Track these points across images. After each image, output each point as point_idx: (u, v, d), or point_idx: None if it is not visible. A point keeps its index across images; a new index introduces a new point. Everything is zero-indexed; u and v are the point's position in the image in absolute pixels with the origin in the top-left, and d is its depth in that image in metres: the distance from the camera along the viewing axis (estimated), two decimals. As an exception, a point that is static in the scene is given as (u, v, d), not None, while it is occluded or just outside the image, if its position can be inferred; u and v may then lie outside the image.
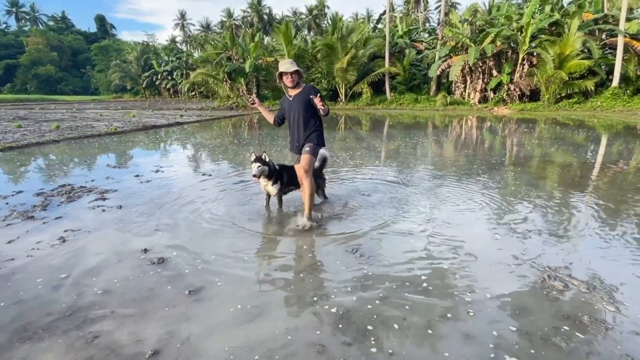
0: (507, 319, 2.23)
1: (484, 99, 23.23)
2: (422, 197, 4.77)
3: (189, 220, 3.96)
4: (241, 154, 8.27)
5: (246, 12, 61.30)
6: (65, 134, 11.55)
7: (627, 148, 8.89)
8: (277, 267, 2.95)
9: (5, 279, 2.75)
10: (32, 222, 3.92)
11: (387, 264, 2.96)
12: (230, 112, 22.70)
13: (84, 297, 2.52)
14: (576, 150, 8.58)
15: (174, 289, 2.61)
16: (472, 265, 2.91)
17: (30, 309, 2.39)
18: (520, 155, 8.04)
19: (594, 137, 11.05)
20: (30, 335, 2.12)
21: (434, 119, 17.77)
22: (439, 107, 22.90)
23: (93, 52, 62.42)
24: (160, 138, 11.34)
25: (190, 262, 3.00)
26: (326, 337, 2.07)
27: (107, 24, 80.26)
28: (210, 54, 26.01)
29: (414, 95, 24.98)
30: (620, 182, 5.56)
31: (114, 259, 3.08)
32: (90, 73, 62.58)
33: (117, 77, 51.60)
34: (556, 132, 12.31)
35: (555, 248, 3.21)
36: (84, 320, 2.26)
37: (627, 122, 15.19)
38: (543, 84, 20.73)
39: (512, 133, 12.31)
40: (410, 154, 8.24)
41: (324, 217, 4.03)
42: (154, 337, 2.09)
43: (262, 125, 14.61)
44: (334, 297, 2.49)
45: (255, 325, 2.20)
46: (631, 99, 19.95)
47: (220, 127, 14.55)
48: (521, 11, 22.69)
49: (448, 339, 2.06)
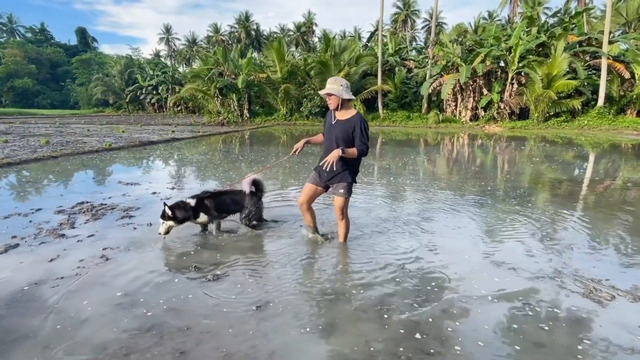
0: (578, 328, 2.41)
1: (474, 117, 24.07)
2: (457, 219, 4.98)
3: (230, 238, 4.04)
4: (242, 169, 8.39)
5: (233, 27, 62.16)
6: (58, 149, 11.42)
7: (630, 165, 9.42)
8: (330, 281, 3.06)
9: (64, 298, 2.78)
10: (66, 240, 3.92)
11: (443, 276, 3.11)
12: (222, 128, 22.80)
13: (151, 313, 2.57)
14: (594, 169, 9.03)
15: (240, 305, 2.69)
16: (514, 279, 3.10)
17: (102, 327, 2.43)
18: (535, 174, 8.42)
19: (599, 153, 11.64)
20: (116, 352, 2.17)
21: (432, 137, 18.29)
22: (432, 125, 23.59)
23: (74, 65, 61.78)
24: (161, 154, 11.33)
25: (247, 278, 3.09)
26: (408, 349, 2.20)
27: (89, 36, 79.82)
28: (201, 69, 26.22)
29: (406, 113, 25.69)
30: (630, 199, 5.93)
31: (167, 277, 3.13)
32: (70, 86, 61.73)
33: (99, 91, 51.10)
34: (554, 150, 12.89)
35: (590, 261, 3.44)
36: (162, 336, 2.33)
37: (614, 141, 16.00)
38: (532, 102, 21.69)
39: (515, 151, 12.81)
40: (430, 174, 8.51)
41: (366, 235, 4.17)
42: (240, 352, 2.17)
43: (254, 142, 14.74)
44: (402, 309, 2.62)
45: (334, 339, 2.30)
46: (616, 118, 21.07)
47: (217, 143, 14.61)
48: (507, 32, 23.89)
49: (525, 343, 2.21)
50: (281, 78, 25.61)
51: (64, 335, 2.32)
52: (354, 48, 25.77)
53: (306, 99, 25.76)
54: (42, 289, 2.89)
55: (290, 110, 26.71)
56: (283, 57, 25.67)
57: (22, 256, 3.51)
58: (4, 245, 3.72)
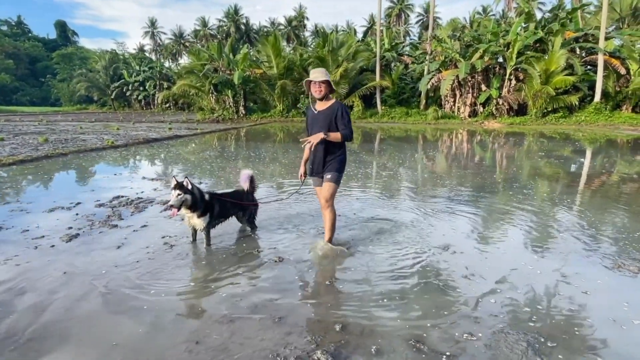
0: (614, 293, 2.87)
1: (473, 113, 24.73)
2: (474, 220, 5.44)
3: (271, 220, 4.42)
4: (265, 165, 8.75)
5: (222, 21, 62.02)
6: (60, 147, 11.59)
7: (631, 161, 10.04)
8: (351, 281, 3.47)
9: (155, 277, 3.13)
10: (121, 230, 4.26)
11: (480, 276, 3.56)
12: (218, 125, 23.01)
13: (250, 289, 2.95)
14: (606, 164, 9.61)
15: (313, 280, 3.09)
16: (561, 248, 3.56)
17: (203, 296, 2.81)
18: (545, 170, 8.97)
19: (604, 149, 12.29)
20: (224, 318, 2.55)
21: (433, 133, 18.82)
22: (431, 121, 24.17)
23: (54, 60, 60.88)
24: (170, 151, 11.58)
25: (304, 267, 3.49)
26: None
27: (69, 30, 78.68)
28: (194, 65, 26.33)
29: (404, 109, 26.22)
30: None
31: (247, 258, 3.51)
32: (50, 82, 60.83)
33: (82, 87, 50.47)
34: (558, 145, 13.52)
35: (609, 242, 3.92)
36: (256, 306, 2.71)
37: (611, 136, 16.76)
38: (530, 98, 22.42)
39: (519, 147, 13.40)
40: (445, 173, 8.98)
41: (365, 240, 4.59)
42: (350, 319, 2.57)
43: (250, 139, 15.04)
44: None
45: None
46: (612, 114, 21.92)
47: (220, 140, 14.88)
48: (504, 28, 24.61)
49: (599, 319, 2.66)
50: (277, 74, 25.91)
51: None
52: (350, 43, 26.18)
53: (303, 95, 26.09)
54: (124, 271, 3.24)
55: (287, 107, 27.01)
56: (279, 52, 25.97)
57: (88, 245, 3.84)
58: (66, 235, 4.05)
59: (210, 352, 2.21)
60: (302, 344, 2.27)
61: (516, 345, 2.24)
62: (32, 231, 4.21)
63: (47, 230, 4.22)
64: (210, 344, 2.28)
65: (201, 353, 2.20)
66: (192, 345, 2.27)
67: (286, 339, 2.33)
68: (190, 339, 2.32)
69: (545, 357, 2.14)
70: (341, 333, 2.38)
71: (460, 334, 2.36)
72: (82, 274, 3.18)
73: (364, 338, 2.33)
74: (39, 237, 4.01)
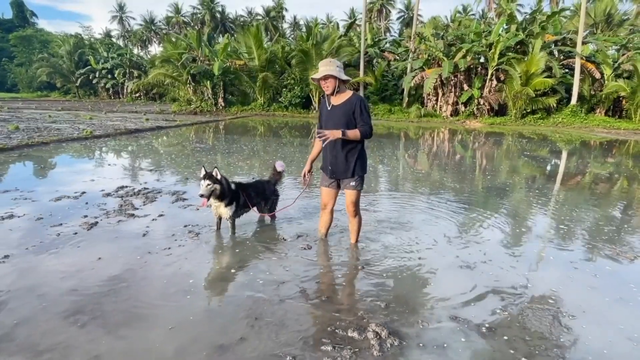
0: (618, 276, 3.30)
1: (455, 112, 25.61)
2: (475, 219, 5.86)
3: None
4: (259, 156, 8.92)
5: (197, 8, 60.92)
6: (35, 136, 11.29)
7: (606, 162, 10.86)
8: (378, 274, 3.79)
9: (191, 263, 3.31)
10: (140, 219, 4.37)
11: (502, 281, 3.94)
12: (196, 117, 22.78)
13: (286, 273, 3.18)
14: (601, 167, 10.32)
15: (346, 265, 3.36)
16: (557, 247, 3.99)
17: (240, 278, 3.03)
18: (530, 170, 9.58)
19: (578, 150, 13.14)
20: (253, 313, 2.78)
21: (418, 132, 19.42)
22: (414, 119, 24.85)
23: (11, 42, 57.89)
24: (156, 142, 11.51)
25: (333, 251, 3.76)
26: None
27: (27, 10, 74.78)
28: (171, 54, 25.85)
29: (387, 106, 26.79)
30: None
31: (275, 246, 3.73)
32: (6, 66, 57.83)
33: (43, 73, 48.34)
34: (537, 145, 14.33)
35: (611, 233, 4.41)
36: (316, 290, 2.96)
37: (586, 138, 17.89)
38: (510, 99, 23.47)
39: (505, 147, 14.11)
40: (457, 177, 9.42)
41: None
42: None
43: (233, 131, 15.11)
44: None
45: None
46: (587, 117, 23.29)
47: (207, 132, 14.83)
48: (485, 28, 25.59)
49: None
50: (259, 66, 25.83)
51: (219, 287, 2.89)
52: (334, 38, 26.43)
53: (286, 89, 26.16)
54: (160, 258, 3.40)
55: (268, 100, 27.00)
56: (261, 43, 25.90)
57: (111, 233, 3.95)
58: (85, 223, 4.13)
59: (272, 326, 2.44)
60: (354, 319, 2.54)
61: (544, 318, 2.60)
62: (47, 219, 4.27)
63: (62, 218, 4.28)
64: (268, 320, 2.51)
65: (263, 327, 2.43)
66: (252, 320, 2.50)
67: (337, 316, 2.59)
68: (250, 315, 2.55)
69: (568, 329, 2.50)
70: (387, 310, 2.67)
71: (494, 309, 2.70)
72: (116, 260, 3.32)
73: (408, 315, 2.63)
74: (56, 225, 4.08)
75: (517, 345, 2.31)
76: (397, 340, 2.30)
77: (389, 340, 2.30)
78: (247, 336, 2.33)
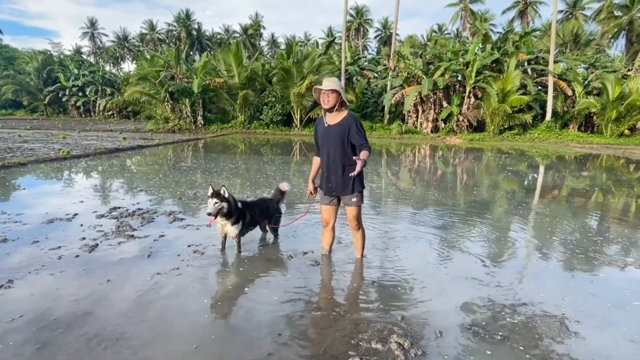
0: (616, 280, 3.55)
1: (435, 129, 26.41)
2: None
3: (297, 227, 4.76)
4: (248, 175, 9.01)
5: (172, 25, 61.05)
6: (7, 156, 11.02)
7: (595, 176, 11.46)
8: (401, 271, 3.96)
9: (202, 282, 3.37)
10: (141, 240, 4.38)
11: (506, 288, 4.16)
12: (175, 135, 22.65)
13: (301, 290, 3.28)
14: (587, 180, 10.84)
15: (356, 281, 3.49)
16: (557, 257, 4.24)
17: (256, 289, 3.11)
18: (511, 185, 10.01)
19: (555, 164, 13.79)
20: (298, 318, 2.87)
21: (401, 148, 19.92)
22: (396, 136, 25.47)
23: (-26, 58, 56.21)
24: (141, 162, 11.42)
25: (341, 268, 3.89)
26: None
27: (-9, 26, 73.12)
28: (149, 71, 25.76)
29: (369, 123, 27.37)
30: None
31: (281, 263, 3.82)
32: (-33, 83, 55.94)
33: (9, 91, 47.06)
34: (517, 160, 14.96)
35: (602, 243, 4.71)
36: (333, 305, 3.06)
37: (560, 152, 18.79)
38: (488, 116, 24.45)
39: (489, 163, 14.66)
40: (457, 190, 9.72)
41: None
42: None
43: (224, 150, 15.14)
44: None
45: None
46: (561, 132, 24.49)
47: (185, 150, 14.79)
48: (462, 47, 26.79)
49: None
50: (239, 84, 26.04)
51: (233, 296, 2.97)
52: (314, 56, 27.02)
53: (267, 107, 26.38)
54: (170, 278, 3.45)
55: (248, 118, 27.13)
56: (241, 61, 26.16)
57: (114, 255, 3.95)
58: (85, 245, 4.12)
59: (296, 340, 2.54)
60: (375, 332, 2.66)
61: (552, 325, 2.80)
62: (43, 242, 4.23)
63: (59, 241, 4.25)
64: (292, 335, 2.61)
65: (288, 342, 2.52)
66: (276, 336, 2.58)
67: (357, 328, 2.71)
68: (273, 332, 2.63)
69: (576, 333, 2.70)
70: (403, 321, 2.81)
71: (505, 318, 2.88)
72: (126, 281, 3.34)
73: (425, 326, 2.77)
74: (55, 248, 4.05)
75: (533, 352, 2.48)
76: (420, 350, 2.44)
77: (412, 350, 2.43)
78: (275, 351, 2.42)
